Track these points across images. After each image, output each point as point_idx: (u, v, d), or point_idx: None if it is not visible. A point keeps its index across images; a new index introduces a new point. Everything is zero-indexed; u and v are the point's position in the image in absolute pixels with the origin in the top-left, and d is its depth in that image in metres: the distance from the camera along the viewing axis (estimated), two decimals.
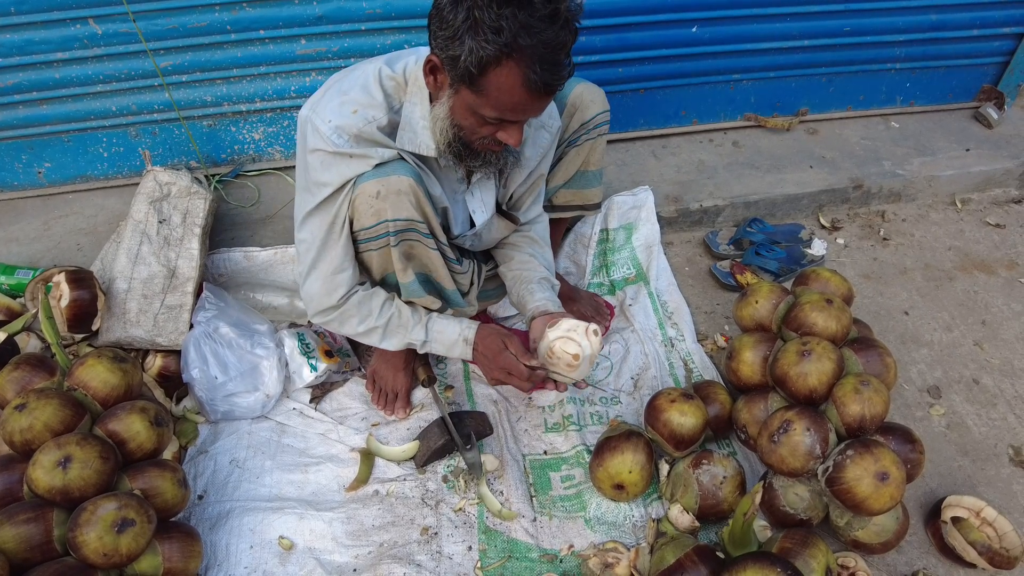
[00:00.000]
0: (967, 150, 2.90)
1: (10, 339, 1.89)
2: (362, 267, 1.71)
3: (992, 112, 2.99)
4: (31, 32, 2.11)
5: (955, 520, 1.74)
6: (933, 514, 1.80)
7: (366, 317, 1.69)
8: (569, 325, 1.71)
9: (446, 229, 1.75)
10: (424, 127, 1.52)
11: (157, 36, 2.18)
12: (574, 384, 1.81)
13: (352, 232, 1.60)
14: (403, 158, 1.52)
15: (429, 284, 1.75)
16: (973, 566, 1.69)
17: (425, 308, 1.79)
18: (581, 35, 1.38)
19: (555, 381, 1.80)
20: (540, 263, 1.92)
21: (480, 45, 1.28)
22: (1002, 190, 2.91)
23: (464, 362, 2.16)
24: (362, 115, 1.49)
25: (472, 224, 1.80)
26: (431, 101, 1.51)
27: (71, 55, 2.18)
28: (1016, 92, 3.04)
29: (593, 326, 1.71)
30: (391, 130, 1.54)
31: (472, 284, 1.91)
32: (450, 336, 1.76)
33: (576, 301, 2.26)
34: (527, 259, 1.91)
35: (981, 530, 1.73)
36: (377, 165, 1.51)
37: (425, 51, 1.55)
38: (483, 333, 1.77)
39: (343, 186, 1.52)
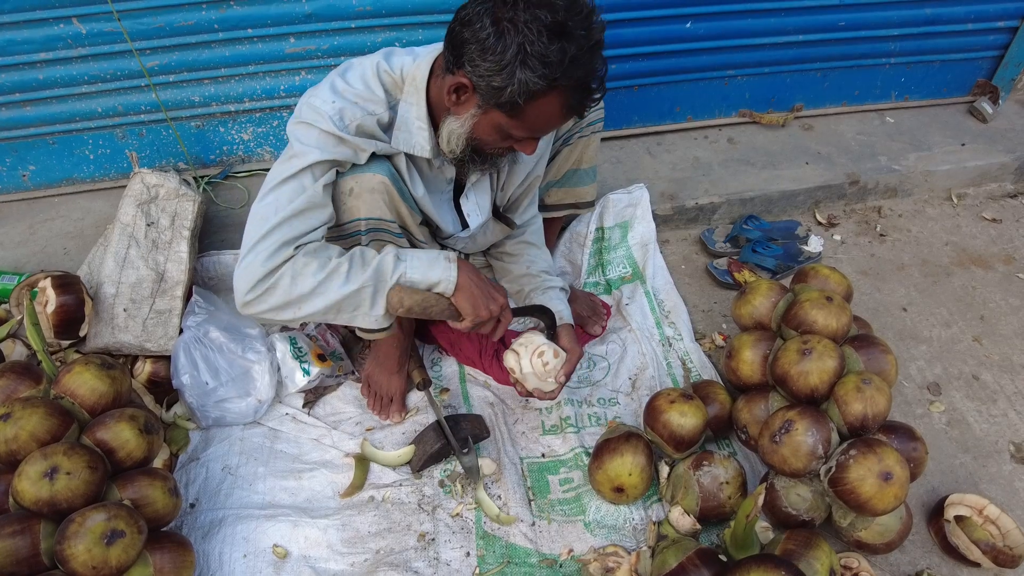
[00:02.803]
0: (962, 145, 2.89)
1: None
2: None
3: (987, 106, 2.98)
4: (13, 32, 2.07)
5: (958, 519, 1.72)
6: (936, 513, 1.78)
7: (326, 261, 1.42)
8: (525, 340, 1.73)
9: (436, 230, 1.73)
10: (420, 128, 1.51)
11: (143, 35, 2.14)
12: (531, 395, 1.77)
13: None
14: (386, 157, 1.51)
15: None
16: (977, 565, 1.67)
17: None
18: None
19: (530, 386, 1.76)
20: (540, 268, 1.93)
21: (530, 79, 1.30)
22: (998, 185, 2.90)
23: (460, 364, 2.13)
24: (363, 107, 1.47)
25: (465, 226, 1.78)
26: (432, 110, 1.50)
27: (55, 55, 2.14)
28: (1010, 86, 3.03)
29: (544, 348, 1.70)
30: (389, 127, 1.52)
31: None
32: (428, 254, 1.52)
33: (572, 301, 2.23)
34: (524, 271, 1.93)
35: (984, 528, 1.71)
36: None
37: (423, 51, 1.54)
38: (465, 262, 1.56)
39: (331, 162, 1.44)
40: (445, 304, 1.53)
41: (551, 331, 1.79)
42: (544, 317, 1.78)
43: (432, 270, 1.49)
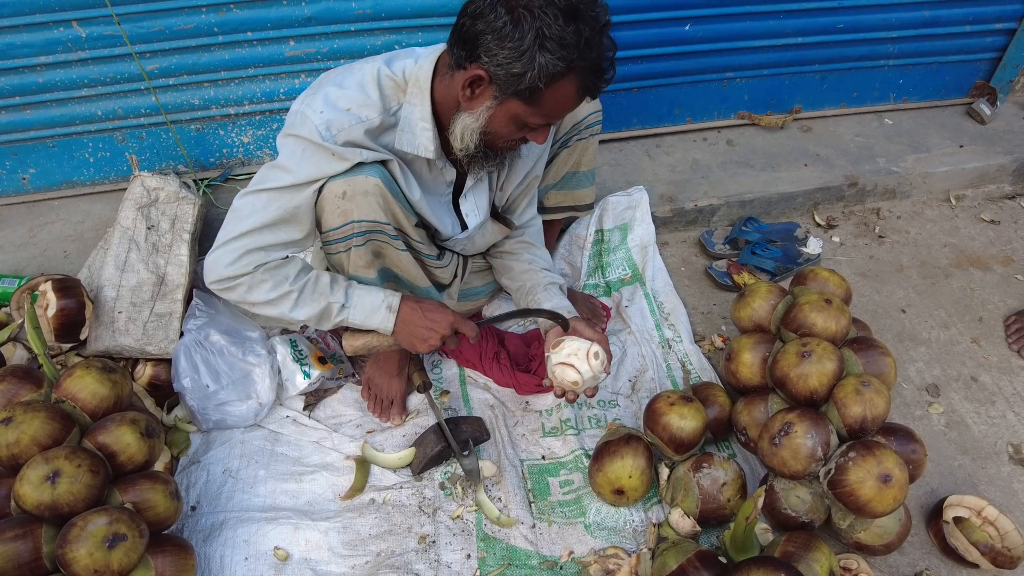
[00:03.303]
0: (961, 146, 2.90)
1: None
2: (333, 269, 1.69)
3: (985, 108, 2.99)
4: (13, 35, 2.07)
5: (957, 520, 1.73)
6: (935, 514, 1.79)
7: (280, 282, 1.53)
8: (571, 349, 1.67)
9: (434, 232, 1.73)
10: (423, 129, 1.52)
11: (142, 39, 2.14)
12: (575, 397, 1.74)
13: (321, 234, 1.57)
14: (378, 162, 1.51)
15: (394, 281, 1.71)
16: (976, 566, 1.68)
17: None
18: None
19: (565, 390, 1.73)
20: (541, 266, 1.92)
21: (550, 61, 1.33)
22: (996, 186, 2.91)
23: (460, 366, 2.14)
24: (355, 114, 1.47)
25: (463, 227, 1.78)
26: (437, 110, 1.51)
27: (55, 59, 2.14)
28: (1008, 88, 3.03)
29: (595, 348, 1.67)
30: (382, 131, 1.52)
31: (455, 276, 1.91)
32: (372, 301, 1.61)
33: (572, 303, 2.24)
34: (526, 267, 1.91)
35: (983, 529, 1.72)
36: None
37: (424, 52, 1.54)
38: (411, 301, 1.65)
39: (312, 182, 1.48)
40: (391, 340, 1.67)
41: (565, 328, 1.77)
42: (555, 319, 1.75)
43: (371, 319, 1.62)
